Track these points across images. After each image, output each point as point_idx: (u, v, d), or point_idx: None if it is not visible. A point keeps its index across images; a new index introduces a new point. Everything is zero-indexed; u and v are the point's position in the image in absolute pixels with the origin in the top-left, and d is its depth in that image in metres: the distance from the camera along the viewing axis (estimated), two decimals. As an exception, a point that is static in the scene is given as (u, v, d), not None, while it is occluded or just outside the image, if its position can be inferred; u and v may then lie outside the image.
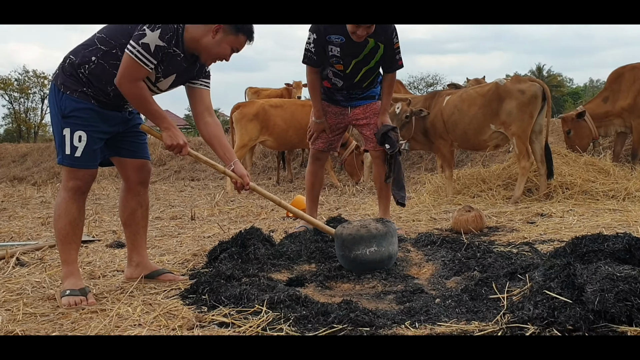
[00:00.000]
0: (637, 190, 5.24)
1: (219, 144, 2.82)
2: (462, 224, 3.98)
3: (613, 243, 2.38)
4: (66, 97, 2.61)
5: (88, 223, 5.19)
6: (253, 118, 7.75)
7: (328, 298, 2.56)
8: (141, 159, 2.90)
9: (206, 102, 2.84)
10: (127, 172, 2.90)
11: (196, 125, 2.86)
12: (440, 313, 2.21)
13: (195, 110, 2.84)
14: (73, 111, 2.61)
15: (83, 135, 2.61)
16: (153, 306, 2.48)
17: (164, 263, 3.37)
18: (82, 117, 2.61)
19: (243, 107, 7.92)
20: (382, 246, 2.90)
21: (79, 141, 2.61)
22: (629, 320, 1.87)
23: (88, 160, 2.65)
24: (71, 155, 2.61)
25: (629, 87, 6.42)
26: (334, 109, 4.03)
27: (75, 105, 2.61)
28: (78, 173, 2.66)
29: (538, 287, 2.17)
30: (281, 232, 4.37)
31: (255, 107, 7.87)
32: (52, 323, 2.31)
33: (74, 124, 2.61)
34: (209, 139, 2.82)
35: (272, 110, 7.84)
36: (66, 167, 2.65)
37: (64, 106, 2.61)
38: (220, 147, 2.82)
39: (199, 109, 2.82)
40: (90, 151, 2.64)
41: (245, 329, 2.12)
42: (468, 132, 5.70)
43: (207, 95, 2.85)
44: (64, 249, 2.70)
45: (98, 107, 2.65)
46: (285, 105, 8.06)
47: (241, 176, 2.82)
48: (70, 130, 2.61)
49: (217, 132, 2.82)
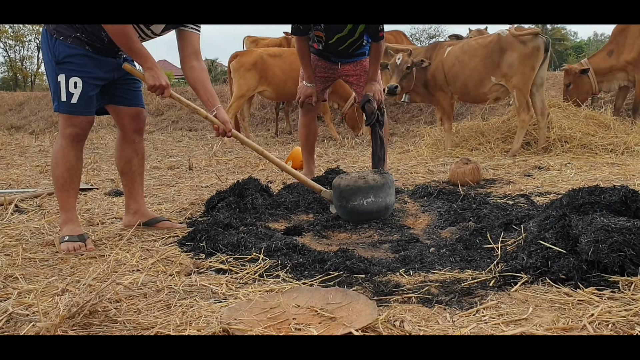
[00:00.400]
0: (636, 145, 5.24)
1: (203, 88, 2.79)
2: (459, 176, 3.99)
3: (609, 195, 2.38)
4: (59, 43, 2.57)
5: (86, 171, 5.19)
6: (251, 67, 7.61)
7: (325, 247, 2.58)
8: (136, 107, 2.87)
9: (194, 46, 2.79)
10: (123, 120, 2.88)
11: (182, 69, 2.82)
12: (434, 261, 2.24)
13: (183, 53, 2.79)
14: (67, 57, 2.56)
15: (79, 81, 2.58)
16: (151, 252, 2.51)
17: (161, 211, 3.38)
18: (77, 63, 2.58)
19: (241, 56, 7.76)
20: (379, 197, 2.91)
21: (75, 87, 2.58)
22: (621, 270, 1.90)
23: (84, 106, 2.63)
24: (67, 102, 2.59)
25: (634, 40, 6.31)
26: (324, 64, 4.03)
27: (69, 51, 2.56)
28: (75, 120, 2.63)
29: (532, 237, 2.19)
30: (279, 182, 4.38)
31: (253, 56, 7.71)
32: (51, 268, 2.33)
33: (68, 70, 2.57)
34: (194, 83, 2.80)
35: (270, 59, 7.69)
36: (63, 114, 2.63)
37: (58, 52, 2.57)
38: (204, 91, 2.79)
39: (186, 51, 2.79)
40: (87, 97, 2.61)
41: (242, 275, 2.14)
42: (468, 84, 5.64)
43: (196, 39, 2.80)
44: (62, 196, 2.70)
45: (92, 52, 2.61)
46: (284, 55, 7.89)
47: (223, 122, 2.80)
48: (65, 76, 2.57)
49: (202, 76, 2.79)
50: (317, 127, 4.59)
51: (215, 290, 1.99)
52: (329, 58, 3.99)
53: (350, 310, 1.71)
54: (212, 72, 33.57)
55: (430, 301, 1.81)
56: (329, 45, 3.83)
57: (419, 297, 1.85)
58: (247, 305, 1.76)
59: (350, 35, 3.74)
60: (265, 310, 1.73)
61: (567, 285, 1.87)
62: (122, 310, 1.76)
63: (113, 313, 1.72)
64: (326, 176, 3.77)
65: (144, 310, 1.79)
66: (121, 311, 1.75)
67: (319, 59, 4.01)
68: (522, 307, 1.73)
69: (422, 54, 6.07)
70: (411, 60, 5.75)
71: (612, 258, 1.91)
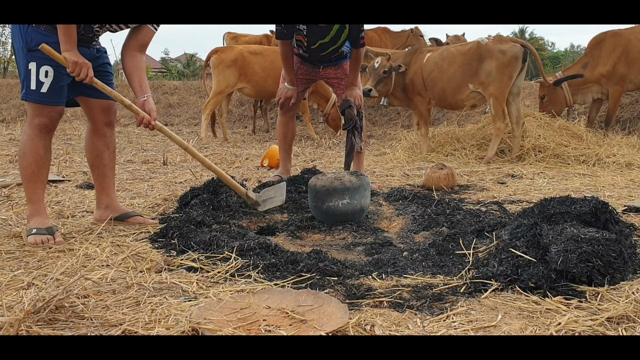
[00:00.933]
0: (607, 157, 5.33)
1: (138, 77, 2.74)
2: (434, 181, 4.01)
3: (580, 206, 2.43)
4: (32, 30, 2.51)
5: (58, 163, 5.10)
6: (231, 64, 7.55)
7: (298, 247, 2.57)
8: (108, 100, 2.82)
9: (145, 40, 2.75)
10: (93, 113, 2.82)
11: (122, 55, 2.77)
12: (407, 266, 2.25)
13: (130, 42, 2.75)
14: (39, 44, 2.50)
15: (50, 70, 2.52)
16: (122, 248, 2.47)
17: (134, 206, 3.34)
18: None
19: (221, 52, 7.70)
20: (355, 199, 2.92)
21: (46, 76, 2.52)
22: (589, 280, 1.93)
23: (54, 96, 2.57)
24: (37, 91, 2.53)
25: (609, 53, 6.42)
26: (306, 66, 4.05)
27: (42, 38, 2.50)
28: (44, 110, 2.57)
29: (504, 245, 2.22)
30: (254, 181, 4.36)
31: (233, 53, 7.66)
32: (18, 261, 2.28)
33: (40, 57, 2.51)
34: (130, 71, 2.74)
35: (251, 57, 7.65)
36: (31, 103, 2.56)
37: (30, 39, 2.51)
38: (138, 79, 2.74)
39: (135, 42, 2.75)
40: (57, 87, 2.56)
41: (213, 274, 2.12)
42: (446, 90, 5.69)
43: (150, 35, 2.77)
44: (30, 187, 2.64)
45: None
46: (265, 52, 7.85)
47: (149, 111, 2.70)
48: (36, 64, 2.52)
49: (140, 65, 2.75)
50: (296, 126, 4.58)
51: (186, 288, 1.97)
52: (311, 61, 4.00)
53: (321, 313, 1.70)
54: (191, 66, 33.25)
55: (401, 306, 1.82)
56: (311, 51, 3.84)
57: (390, 301, 1.86)
58: (218, 305, 1.74)
59: (332, 42, 3.76)
60: (235, 311, 1.72)
61: (536, 293, 1.89)
62: (90, 306, 1.73)
63: (80, 309, 1.68)
64: (302, 176, 3.76)
65: (112, 307, 1.76)
66: (89, 307, 1.72)
67: (302, 62, 4.03)
68: (492, 314, 1.75)
69: (401, 58, 6.10)
70: (389, 64, 5.78)
71: (580, 268, 1.94)
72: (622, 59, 6.33)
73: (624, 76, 6.37)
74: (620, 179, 4.38)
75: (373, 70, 5.70)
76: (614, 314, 1.69)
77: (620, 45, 6.35)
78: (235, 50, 7.76)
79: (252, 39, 10.49)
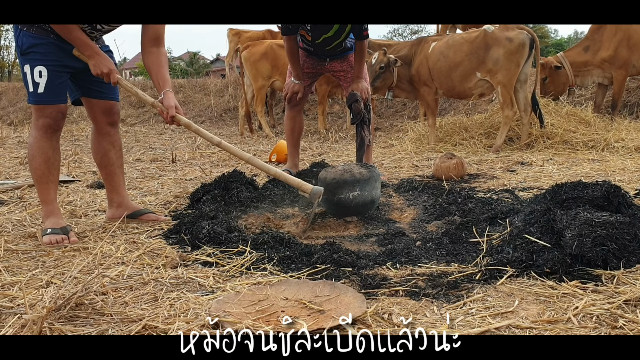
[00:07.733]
0: (615, 141, 5.31)
1: (156, 72, 2.72)
2: (443, 171, 4.01)
3: (592, 190, 2.42)
4: (23, 34, 2.55)
5: (67, 164, 5.13)
6: (261, 57, 7.77)
7: (311, 240, 2.58)
8: (109, 100, 2.83)
9: (157, 32, 2.74)
10: (95, 113, 2.84)
11: (142, 53, 2.77)
12: (420, 255, 2.25)
13: (144, 38, 2.74)
14: (31, 47, 2.54)
15: (43, 70, 2.54)
16: (136, 245, 2.48)
17: (145, 204, 3.35)
18: (41, 52, 2.54)
19: (252, 47, 7.95)
20: (366, 190, 2.91)
21: (40, 77, 2.54)
22: (604, 264, 1.93)
23: (52, 95, 2.58)
24: (35, 92, 2.55)
25: (610, 38, 6.37)
26: (312, 60, 4.06)
27: (32, 41, 2.54)
28: (45, 110, 2.59)
29: (518, 232, 2.22)
30: (264, 176, 4.36)
31: (263, 46, 7.88)
32: (35, 260, 2.30)
33: (32, 59, 2.54)
34: (149, 68, 2.74)
35: (280, 50, 7.76)
36: (34, 105, 2.59)
37: (22, 43, 2.55)
38: (156, 74, 2.72)
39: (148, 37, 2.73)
40: (53, 86, 2.57)
41: (229, 268, 2.13)
42: (453, 79, 5.67)
43: (161, 27, 2.75)
44: (42, 188, 2.66)
45: (58, 41, 2.57)
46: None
47: (168, 107, 2.68)
48: (30, 66, 2.55)
49: (157, 61, 2.74)
50: (303, 120, 4.59)
51: (203, 282, 1.99)
52: (317, 55, 4.00)
53: (338, 302, 1.71)
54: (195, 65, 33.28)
55: (417, 294, 1.82)
56: (315, 45, 3.85)
57: (406, 290, 1.86)
58: (236, 298, 1.76)
59: (336, 36, 3.76)
60: (253, 303, 1.73)
61: (552, 278, 1.89)
62: (109, 303, 1.75)
63: (100, 305, 1.70)
64: (312, 169, 3.77)
65: (131, 303, 1.78)
66: (108, 303, 1.74)
67: (308, 56, 4.04)
68: (508, 300, 1.75)
69: (406, 49, 6.08)
70: (386, 59, 5.77)
71: (595, 252, 1.94)
72: (624, 43, 6.28)
73: (627, 60, 6.32)
74: (630, 163, 4.36)
75: (370, 66, 5.70)
76: (631, 296, 1.69)
77: (621, 30, 6.31)
78: (265, 43, 7.98)
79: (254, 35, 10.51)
